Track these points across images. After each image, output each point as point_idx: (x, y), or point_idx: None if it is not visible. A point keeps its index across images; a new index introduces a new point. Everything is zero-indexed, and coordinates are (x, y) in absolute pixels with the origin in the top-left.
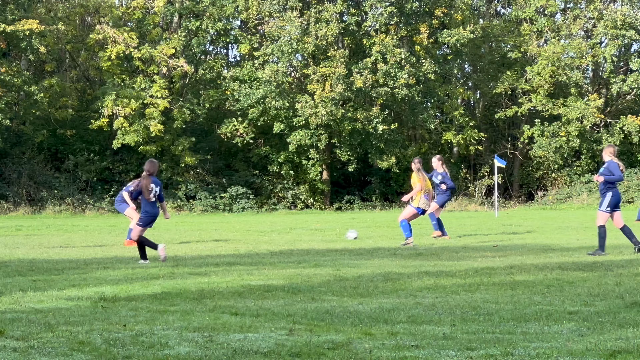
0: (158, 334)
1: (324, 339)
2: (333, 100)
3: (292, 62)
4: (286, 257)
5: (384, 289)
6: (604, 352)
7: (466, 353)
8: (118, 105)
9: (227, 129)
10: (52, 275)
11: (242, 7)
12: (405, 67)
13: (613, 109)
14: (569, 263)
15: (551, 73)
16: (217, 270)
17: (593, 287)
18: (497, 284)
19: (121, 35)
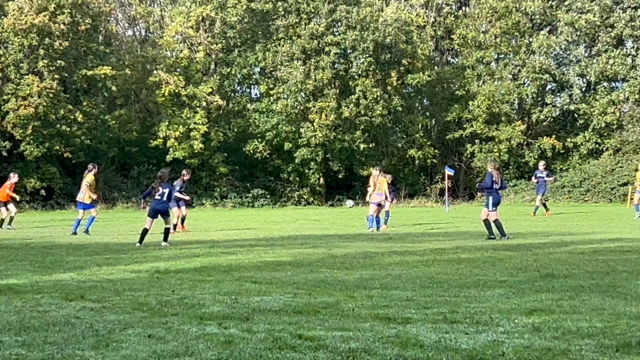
0: (197, 297)
1: (320, 300)
2: (327, 126)
3: (297, 98)
4: (292, 240)
5: (363, 263)
6: (524, 310)
7: (423, 311)
8: (170, 129)
9: (250, 147)
10: (120, 254)
11: (261, 58)
12: (380, 102)
13: (533, 132)
14: (500, 245)
15: (487, 106)
16: (242, 250)
17: (517, 263)
18: (447, 260)
19: (172, 78)
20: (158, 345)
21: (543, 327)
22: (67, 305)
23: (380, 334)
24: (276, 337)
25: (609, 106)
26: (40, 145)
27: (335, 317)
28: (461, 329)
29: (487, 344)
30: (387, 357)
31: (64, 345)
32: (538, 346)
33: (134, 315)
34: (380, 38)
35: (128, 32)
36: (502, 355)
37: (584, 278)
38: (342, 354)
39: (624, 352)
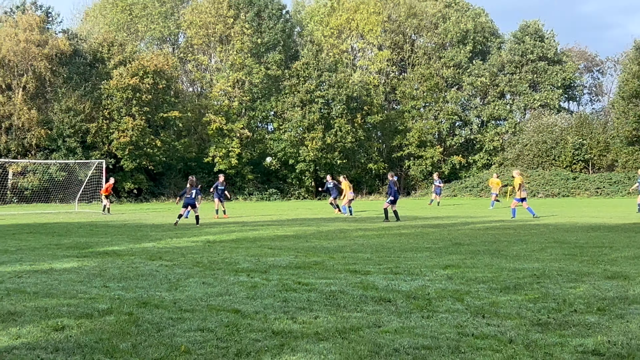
0: (234, 258)
1: (311, 260)
2: (317, 149)
3: (297, 131)
4: (294, 222)
5: (340, 236)
6: (442, 266)
7: (377, 267)
8: (216, 151)
9: (267, 163)
10: (185, 231)
11: (274, 105)
12: (350, 134)
13: (447, 152)
14: (427, 224)
15: (418, 136)
16: (262, 227)
17: (437, 236)
18: (393, 234)
19: (217, 118)
20: (209, 289)
21: (454, 276)
22: (150, 263)
23: (350, 281)
24: (284, 283)
25: (495, 136)
26: (133, 162)
27: (321, 271)
28: (402, 278)
29: (418, 287)
30: (355, 296)
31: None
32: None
33: (193, 270)
34: (350, 92)
35: (189, 89)
36: (427, 295)
37: (480, 245)
38: (326, 294)
39: (505, 293)
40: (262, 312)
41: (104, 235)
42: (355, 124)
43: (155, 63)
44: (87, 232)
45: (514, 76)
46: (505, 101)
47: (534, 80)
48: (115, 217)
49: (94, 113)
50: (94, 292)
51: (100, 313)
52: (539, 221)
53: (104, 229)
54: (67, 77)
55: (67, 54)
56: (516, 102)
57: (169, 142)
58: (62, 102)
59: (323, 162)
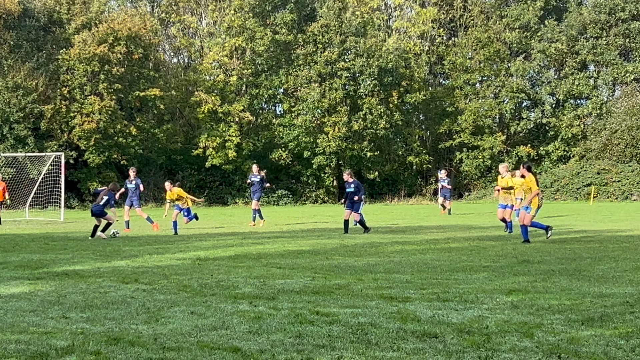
0: (232, 280)
1: (333, 282)
2: (340, 137)
3: (314, 114)
4: (311, 232)
5: (370, 252)
6: (504, 290)
7: (420, 291)
8: (209, 140)
9: (275, 155)
10: (167, 245)
11: (284, 81)
12: (383, 117)
13: (511, 141)
14: (484, 236)
15: (473, 120)
16: (269, 241)
17: (498, 251)
18: (440, 249)
19: (210, 98)
20: (199, 320)
21: (520, 304)
22: (123, 287)
23: (384, 311)
24: (297, 313)
25: (575, 120)
26: (101, 154)
27: (346, 297)
28: (452, 306)
29: (473, 318)
30: (390, 330)
31: (121, 320)
32: (516, 320)
33: (179, 296)
34: (384, 64)
35: (173, 59)
36: (486, 328)
37: (554, 263)
38: (352, 328)
39: (588, 326)
40: (268, 352)
41: (62, 250)
42: (390, 105)
43: (129, 26)
44: (41, 246)
45: (599, 41)
46: (588, 74)
47: (626, 47)
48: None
49: (49, 92)
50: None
51: (58, 352)
52: (632, 232)
53: (62, 243)
54: (15, 45)
55: (15, 15)
56: (602, 75)
57: (147, 130)
58: (8, 78)
59: (348, 154)
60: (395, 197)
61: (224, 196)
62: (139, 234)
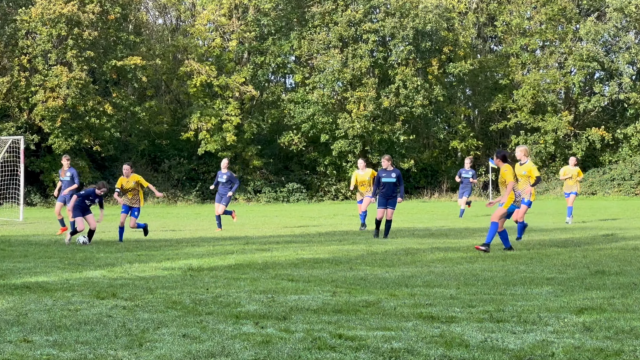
0: (232, 295)
1: (360, 299)
2: (366, 117)
3: (334, 87)
4: (330, 236)
5: (404, 260)
6: (574, 309)
7: (468, 310)
8: (202, 121)
9: (285, 139)
10: (152, 251)
11: (296, 46)
12: (420, 92)
13: (580, 122)
14: (547, 240)
15: (532, 95)
16: (278, 247)
17: (565, 259)
18: (491, 256)
19: (204, 68)
20: (193, 345)
21: (594, 326)
22: (98, 303)
23: (423, 334)
24: (315, 337)
25: None
26: (68, 138)
27: (376, 316)
28: (508, 328)
29: (535, 343)
30: (431, 357)
31: (96, 345)
32: (589, 346)
33: (168, 314)
34: (421, 25)
35: (158, 20)
36: (551, 356)
37: (636, 275)
38: (384, 355)
39: None
40: None
41: (22, 258)
42: (428, 77)
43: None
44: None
45: None
46: None
47: None
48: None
49: (4, 61)
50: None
51: None
52: None
53: (22, 249)
54: None
55: None
56: None
57: (125, 108)
58: None
59: (376, 138)
60: (436, 192)
61: None
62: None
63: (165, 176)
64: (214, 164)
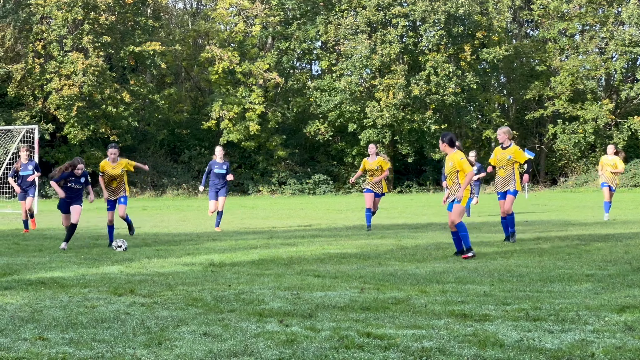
0: (256, 292)
1: (389, 295)
2: (395, 105)
3: (362, 75)
4: (358, 230)
5: (436, 255)
6: (615, 307)
7: (502, 307)
8: (224, 109)
9: (311, 129)
10: (172, 245)
11: (322, 31)
12: (452, 79)
13: (622, 111)
14: (586, 235)
15: (571, 82)
16: (303, 241)
17: (606, 255)
18: (527, 251)
19: (226, 54)
20: (215, 344)
21: (636, 325)
22: (116, 300)
23: (455, 332)
24: (342, 335)
25: None
26: (84, 128)
27: (406, 314)
28: (545, 327)
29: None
30: (464, 357)
31: (113, 343)
32: (631, 346)
33: (188, 312)
34: (453, 9)
35: (178, 4)
36: (591, 357)
37: None
38: (414, 354)
39: None
40: None
41: (37, 252)
42: (461, 63)
43: None
44: (10, 247)
45: None
46: None
47: None
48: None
49: (18, 47)
50: (22, 348)
51: None
52: None
53: (37, 243)
54: None
55: None
56: None
57: (143, 96)
58: None
59: (406, 127)
60: None
61: (244, 182)
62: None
63: (185, 167)
64: (236, 154)
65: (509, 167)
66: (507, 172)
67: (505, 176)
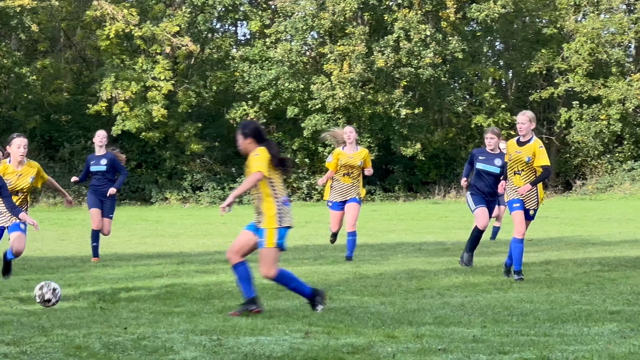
0: (162, 337)
1: (343, 342)
2: (352, 81)
3: (306, 40)
4: (301, 253)
5: (408, 287)
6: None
7: (498, 357)
8: (117, 88)
9: (237, 114)
10: (46, 273)
11: None
12: (430, 45)
13: None
14: (610, 258)
15: (590, 51)
16: (226, 268)
17: (637, 285)
18: (533, 281)
19: (121, 11)
20: None
21: None
22: None
23: None
24: None
25: None
26: None
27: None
28: None
29: None
30: None
31: None
32: None
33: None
34: None
35: None
36: None
37: None
38: None
39: None
40: None
41: None
42: (442, 24)
43: None
44: None
45: None
46: None
47: None
48: None
49: None
50: None
51: None
52: None
53: None
54: None
55: None
56: None
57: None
58: None
59: (366, 111)
60: (452, 189)
61: (145, 187)
62: None
63: (65, 167)
64: (135, 148)
65: (520, 168)
66: (523, 177)
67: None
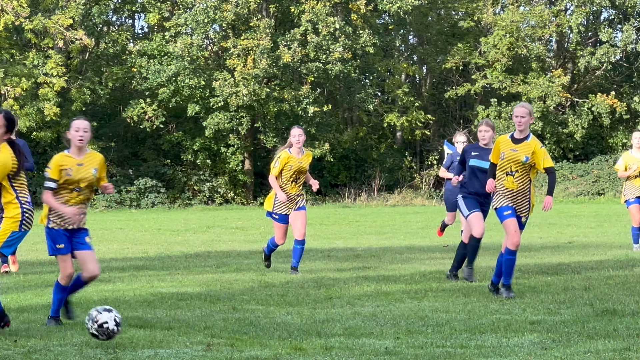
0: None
1: (247, 354)
2: (256, 77)
3: (208, 33)
4: (203, 260)
5: (316, 296)
6: None
7: None
8: (7, 84)
9: (134, 112)
10: None
11: None
12: (339, 39)
13: (580, 86)
14: (531, 265)
15: (509, 45)
16: (123, 276)
17: (558, 293)
18: (448, 290)
19: (10, 3)
20: None
21: None
22: None
23: None
24: None
25: None
26: None
27: None
28: None
29: None
30: None
31: None
32: None
33: None
34: None
35: None
36: None
37: None
38: None
39: None
40: None
41: None
42: (352, 16)
43: None
44: None
45: None
46: None
47: None
48: None
49: None
50: None
51: None
52: None
53: None
54: None
55: None
56: None
57: None
58: None
59: (272, 109)
60: (363, 192)
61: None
62: None
63: None
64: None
65: (516, 168)
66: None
67: (517, 189)
